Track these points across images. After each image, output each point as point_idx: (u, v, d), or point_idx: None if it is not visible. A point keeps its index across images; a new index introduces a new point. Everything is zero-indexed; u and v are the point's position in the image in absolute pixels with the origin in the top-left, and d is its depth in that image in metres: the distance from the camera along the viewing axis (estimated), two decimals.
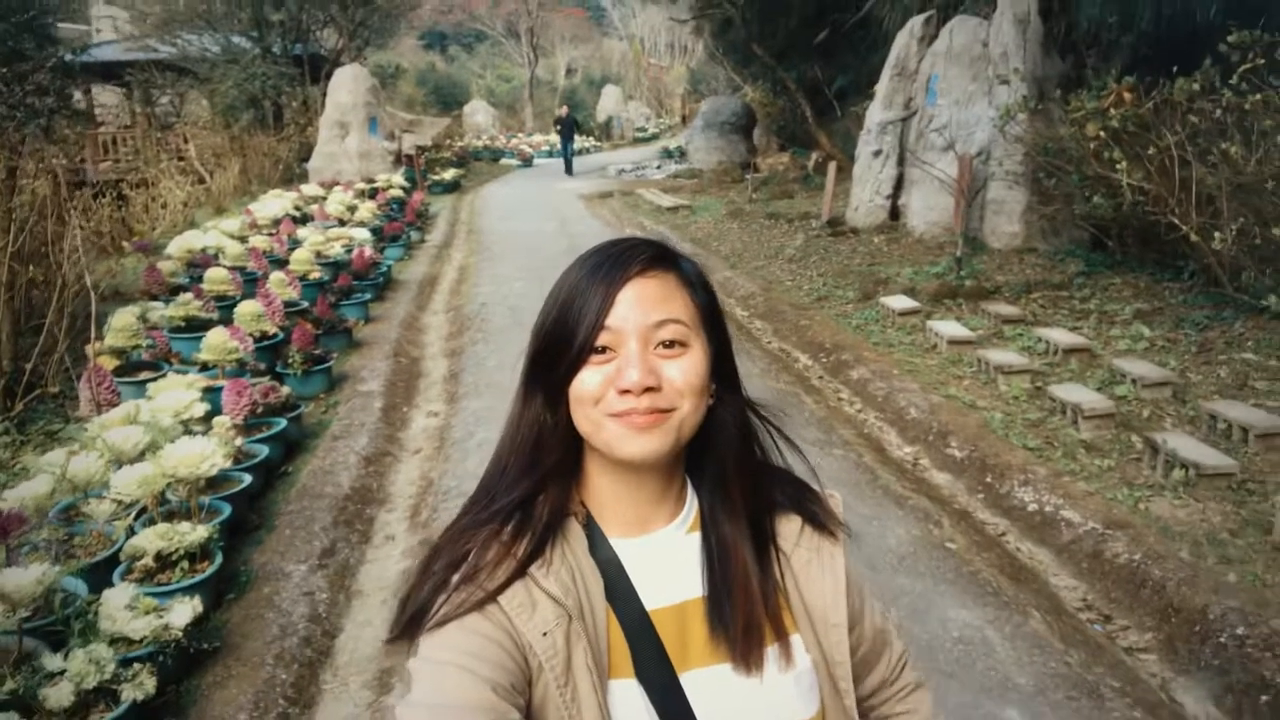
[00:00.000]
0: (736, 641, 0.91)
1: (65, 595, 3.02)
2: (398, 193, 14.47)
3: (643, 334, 0.88)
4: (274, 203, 11.25)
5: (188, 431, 4.01)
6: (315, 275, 7.70)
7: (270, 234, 9.43)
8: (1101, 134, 6.13)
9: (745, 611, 0.93)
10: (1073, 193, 7.44)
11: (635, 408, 0.87)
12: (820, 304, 7.69)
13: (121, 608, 2.87)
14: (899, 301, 7.00)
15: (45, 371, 5.38)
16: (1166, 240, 6.53)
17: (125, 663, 2.72)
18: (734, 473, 0.98)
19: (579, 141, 27.80)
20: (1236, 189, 5.59)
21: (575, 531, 0.95)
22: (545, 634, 0.86)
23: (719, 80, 28.70)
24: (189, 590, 3.13)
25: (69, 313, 5.71)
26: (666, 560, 0.96)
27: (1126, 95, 6.09)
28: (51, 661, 2.60)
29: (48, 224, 5.79)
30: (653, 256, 0.92)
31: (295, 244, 8.87)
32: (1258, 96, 5.21)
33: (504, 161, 26.38)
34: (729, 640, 0.92)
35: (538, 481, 0.94)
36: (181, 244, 8.07)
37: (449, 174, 19.52)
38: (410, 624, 0.89)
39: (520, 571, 0.88)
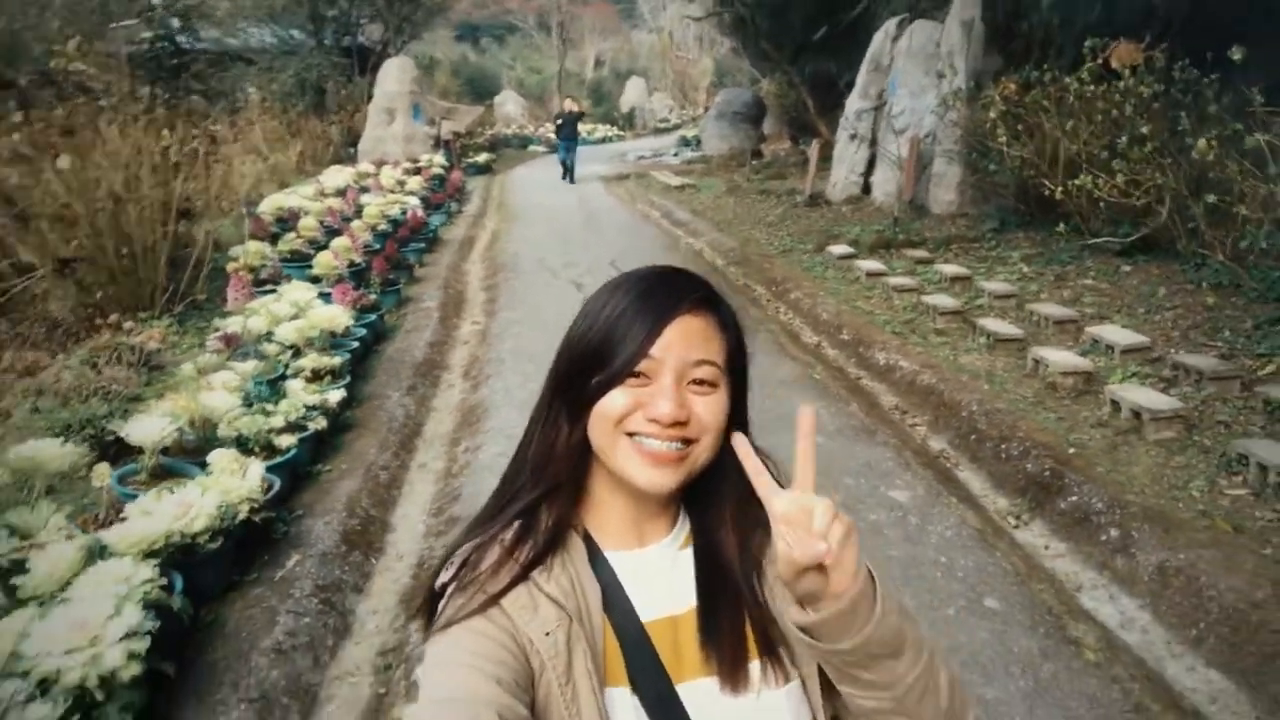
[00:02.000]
0: (725, 656, 0.95)
1: (258, 392, 4.96)
2: (438, 171, 16.43)
3: (680, 369, 0.93)
4: (337, 176, 13.26)
5: None
6: (382, 227, 9.67)
7: (337, 199, 11.38)
8: (993, 117, 7.94)
9: (732, 628, 0.97)
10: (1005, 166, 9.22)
11: (658, 434, 0.92)
12: (784, 254, 9.55)
13: (299, 390, 4.80)
14: (840, 249, 8.86)
15: (194, 285, 7.33)
16: (1059, 201, 8.31)
17: (308, 415, 4.64)
18: (731, 505, 1.01)
19: (598, 130, 29.42)
20: (1089, 156, 7.37)
21: (575, 543, 0.99)
22: (548, 634, 0.90)
23: (742, 74, 30.42)
24: (334, 389, 5.06)
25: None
26: (660, 574, 1.00)
27: (1011, 86, 7.89)
28: (270, 407, 4.53)
29: (199, 181, 7.74)
30: (703, 297, 0.98)
31: (360, 208, 10.82)
32: (1091, 86, 6.99)
33: (531, 148, 28.33)
34: (717, 654, 0.95)
35: (544, 492, 0.99)
36: (272, 203, 10.06)
37: (482, 157, 21.52)
38: (425, 609, 0.98)
39: (523, 575, 0.93)
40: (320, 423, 4.59)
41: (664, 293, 0.96)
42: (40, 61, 8.53)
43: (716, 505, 1.03)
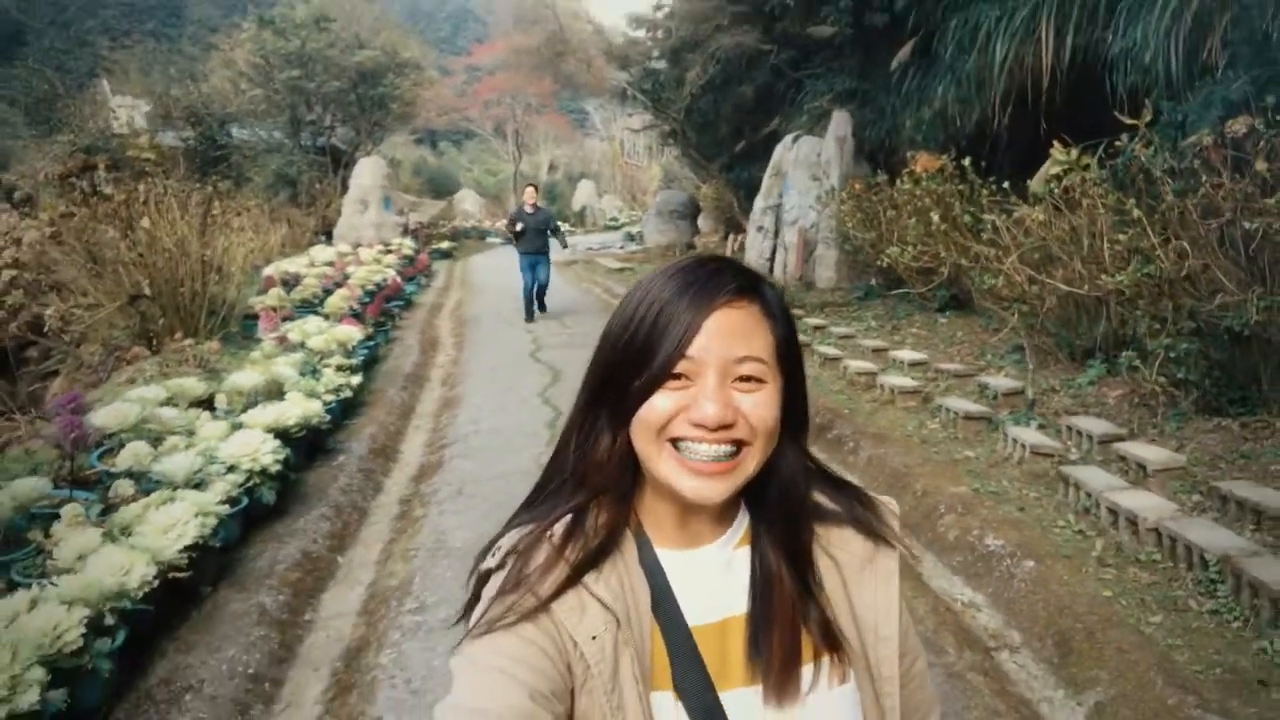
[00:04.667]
0: (771, 667, 0.92)
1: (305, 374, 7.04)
2: (408, 253, 18.73)
3: (723, 367, 0.88)
4: (323, 252, 15.49)
5: None
6: (369, 287, 11.87)
7: (328, 268, 13.58)
8: (845, 210, 10.47)
9: (783, 635, 0.93)
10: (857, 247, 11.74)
11: (704, 438, 0.87)
12: None
13: (331, 374, 6.89)
14: None
15: (226, 321, 9.40)
16: (891, 270, 10.77)
17: (337, 389, 6.71)
18: (782, 512, 0.98)
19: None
20: (904, 237, 9.86)
21: (628, 542, 0.96)
22: (594, 638, 0.87)
23: (687, 179, 33.58)
24: (355, 376, 7.15)
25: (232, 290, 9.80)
26: (713, 575, 0.97)
27: (857, 186, 10.45)
28: (314, 379, 6.60)
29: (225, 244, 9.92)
30: (740, 286, 0.92)
31: (346, 275, 13.01)
32: (907, 186, 9.53)
33: (489, 239, 30.89)
34: (764, 665, 0.92)
35: (589, 497, 0.95)
36: (278, 267, 12.22)
37: (445, 244, 23.96)
38: (466, 613, 0.95)
39: (573, 580, 0.90)
40: (348, 392, 6.70)
41: (699, 285, 0.90)
42: (116, 151, 10.68)
43: (770, 513, 0.98)
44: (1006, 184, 7.40)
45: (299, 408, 5.45)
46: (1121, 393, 6.16)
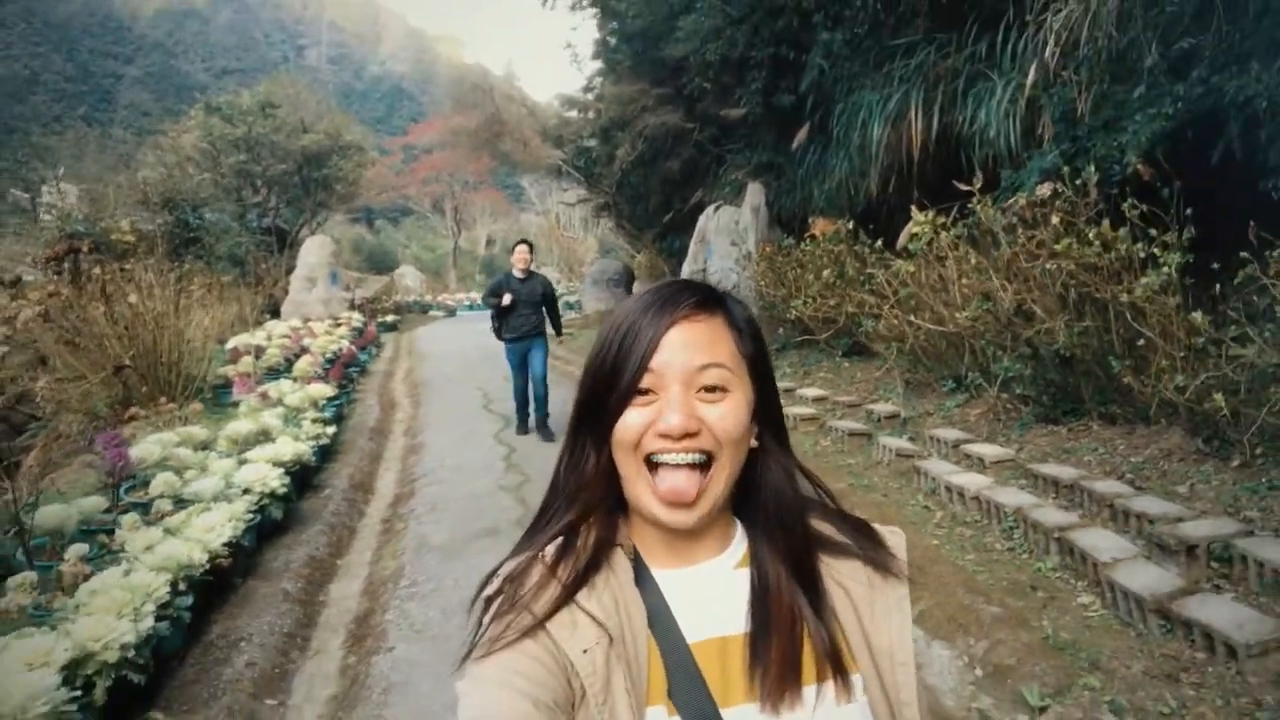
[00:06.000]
0: (768, 684, 0.93)
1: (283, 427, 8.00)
2: (357, 325, 19.67)
3: (685, 378, 0.93)
4: (277, 327, 16.39)
5: None
6: (328, 354, 12.82)
7: (286, 340, 14.49)
8: (757, 271, 11.82)
9: (782, 647, 0.95)
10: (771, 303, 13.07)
11: (672, 448, 0.92)
12: None
13: (309, 424, 7.86)
14: None
15: (201, 387, 10.28)
16: (800, 322, 12.10)
17: (316, 436, 7.67)
18: (776, 520, 1.01)
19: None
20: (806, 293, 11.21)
21: (622, 563, 0.99)
22: (585, 651, 0.90)
23: (622, 250, 35.09)
24: (330, 427, 8.11)
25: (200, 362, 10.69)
26: (712, 593, 0.99)
27: (767, 249, 11.82)
28: (296, 428, 7.57)
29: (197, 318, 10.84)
30: (701, 300, 0.97)
31: (304, 347, 13.94)
32: (809, 247, 10.90)
33: (432, 313, 31.90)
34: (761, 681, 0.93)
35: (579, 515, 0.99)
36: (241, 339, 13.12)
37: (390, 318, 24.90)
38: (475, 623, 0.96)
39: (566, 598, 0.93)
40: (325, 439, 7.68)
41: (661, 303, 0.96)
42: (99, 235, 11.57)
43: (765, 527, 1.02)
44: (882, 242, 8.77)
45: (290, 447, 6.44)
46: (980, 411, 7.45)
